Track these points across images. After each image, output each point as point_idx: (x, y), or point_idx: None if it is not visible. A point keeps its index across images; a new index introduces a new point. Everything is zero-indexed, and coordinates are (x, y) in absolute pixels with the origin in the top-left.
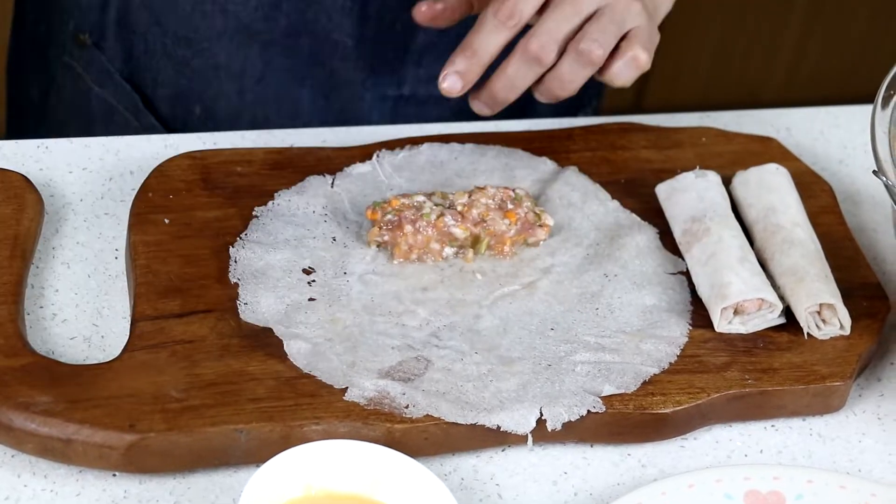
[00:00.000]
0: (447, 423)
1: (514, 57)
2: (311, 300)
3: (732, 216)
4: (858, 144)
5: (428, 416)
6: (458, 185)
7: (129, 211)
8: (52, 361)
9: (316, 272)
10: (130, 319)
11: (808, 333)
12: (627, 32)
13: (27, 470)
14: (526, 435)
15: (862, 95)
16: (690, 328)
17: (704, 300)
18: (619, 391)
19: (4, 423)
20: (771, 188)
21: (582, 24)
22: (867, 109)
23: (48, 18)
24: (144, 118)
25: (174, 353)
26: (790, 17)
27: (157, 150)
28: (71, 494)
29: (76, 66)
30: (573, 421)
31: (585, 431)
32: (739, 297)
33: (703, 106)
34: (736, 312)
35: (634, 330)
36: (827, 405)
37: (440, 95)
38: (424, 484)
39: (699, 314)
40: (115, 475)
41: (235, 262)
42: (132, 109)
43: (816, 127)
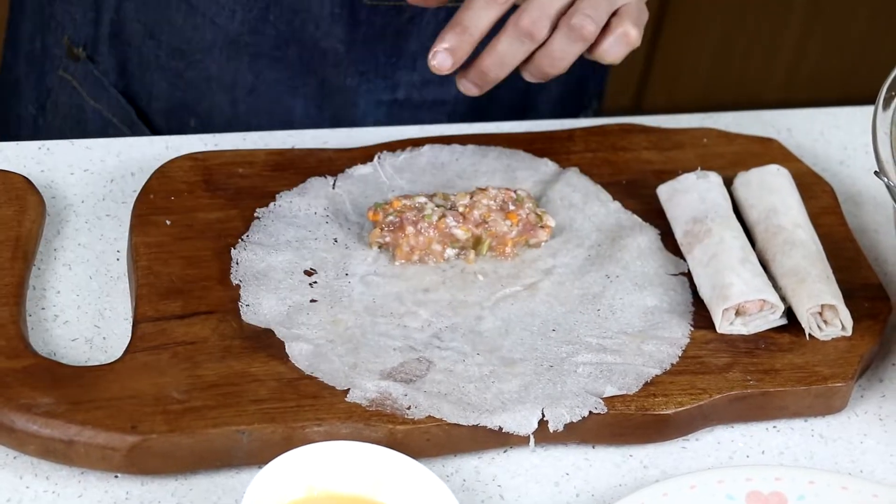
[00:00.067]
0: (449, 424)
1: (505, 33)
2: (312, 301)
3: (734, 217)
4: (859, 145)
5: (430, 417)
6: (459, 186)
7: (130, 212)
8: (53, 363)
9: (317, 273)
10: (132, 321)
11: (809, 334)
12: (618, 9)
13: (29, 471)
14: (528, 436)
15: (862, 96)
16: (692, 329)
17: (706, 301)
18: (620, 392)
19: (6, 424)
20: (772, 189)
21: (573, 0)
22: (868, 110)
23: (42, 33)
24: (139, 131)
25: (176, 354)
26: (790, 17)
27: (158, 151)
28: (73, 496)
29: (71, 79)
30: (575, 422)
31: (587, 432)
32: (741, 298)
33: (703, 106)
34: (737, 313)
35: (636, 331)
36: (829, 406)
37: (434, 100)
38: (426, 485)
39: (701, 315)
40: (116, 477)
41: (237, 263)
42: (127, 122)
43: (817, 128)
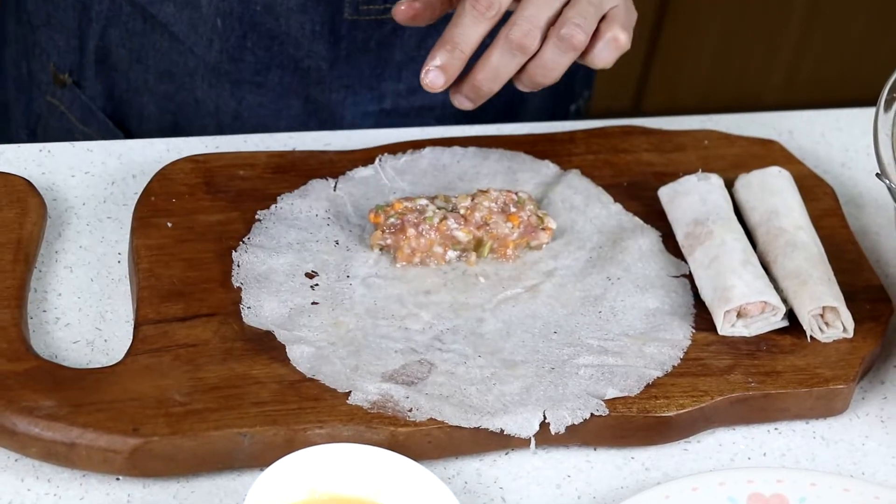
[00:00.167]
0: (450, 426)
1: (496, 47)
2: (313, 304)
3: (735, 219)
4: (860, 147)
5: (431, 419)
6: (460, 188)
7: (131, 215)
8: (55, 365)
9: (319, 276)
10: (133, 323)
11: (811, 336)
12: (606, 13)
13: (31, 474)
14: (529, 438)
15: (862, 97)
16: (693, 331)
17: (707, 303)
18: (622, 394)
19: (8, 427)
20: (773, 191)
21: (561, 8)
22: (868, 112)
23: (28, 59)
24: None
25: (177, 356)
26: (790, 17)
27: (159, 153)
28: (74, 498)
29: (59, 104)
30: (576, 424)
31: (589, 435)
32: (742, 300)
33: (702, 107)
34: (739, 315)
35: (637, 333)
36: (830, 408)
37: (422, 106)
38: (428, 487)
39: (702, 317)
40: (118, 479)
41: (238, 265)
42: None
43: (818, 130)
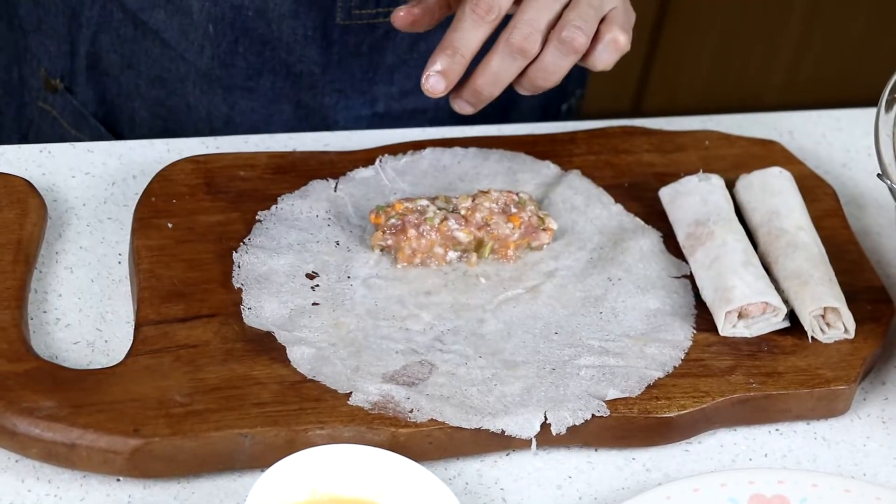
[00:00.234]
0: (451, 427)
1: (497, 51)
2: (314, 305)
3: (736, 220)
4: (861, 147)
5: (432, 420)
6: (461, 189)
7: (132, 215)
8: (55, 366)
9: (319, 276)
10: (134, 324)
11: (812, 337)
12: (605, 15)
13: (31, 475)
14: (530, 439)
15: (862, 97)
16: (694, 332)
17: (708, 304)
18: (623, 395)
19: (8, 428)
20: (774, 192)
21: (561, 11)
22: (869, 112)
23: (19, 64)
24: None
25: (178, 357)
26: (790, 17)
27: (159, 154)
28: (75, 499)
29: (51, 110)
30: (577, 425)
31: (590, 435)
32: (743, 300)
33: (702, 107)
34: (740, 316)
35: (638, 334)
36: (831, 409)
37: (415, 109)
38: (429, 488)
39: (703, 318)
40: (119, 480)
41: (239, 266)
42: None
43: (819, 130)
